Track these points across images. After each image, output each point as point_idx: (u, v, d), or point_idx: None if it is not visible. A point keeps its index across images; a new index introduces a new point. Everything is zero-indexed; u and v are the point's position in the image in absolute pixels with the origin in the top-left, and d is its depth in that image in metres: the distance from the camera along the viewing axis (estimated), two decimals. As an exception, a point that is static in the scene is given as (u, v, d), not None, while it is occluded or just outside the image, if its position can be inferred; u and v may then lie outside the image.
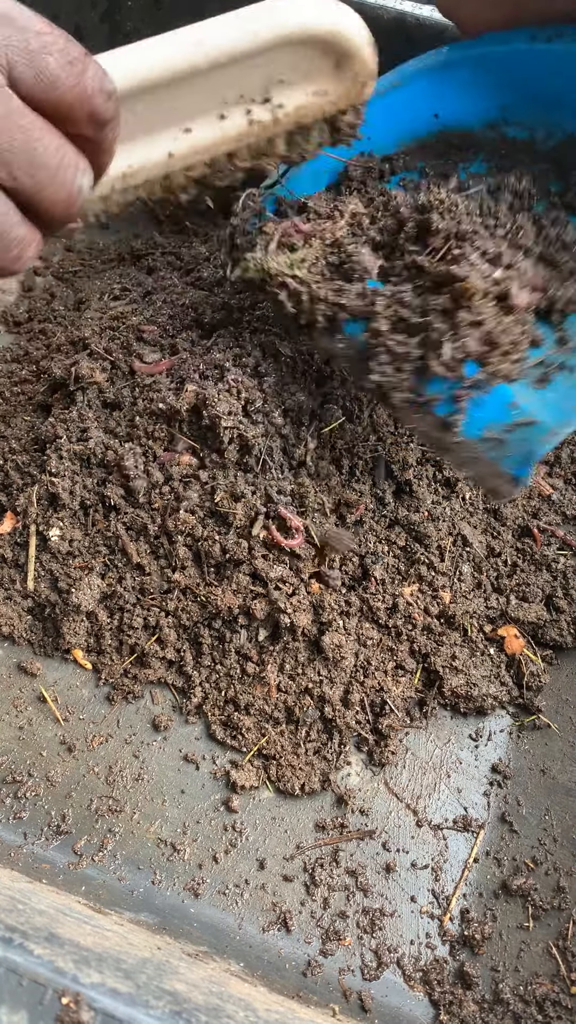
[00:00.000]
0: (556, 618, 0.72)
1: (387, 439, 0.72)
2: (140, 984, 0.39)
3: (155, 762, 0.66)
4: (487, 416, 0.57)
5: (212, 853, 0.62)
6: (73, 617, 0.69)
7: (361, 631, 0.68)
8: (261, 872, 0.61)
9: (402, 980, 0.58)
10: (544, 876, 0.62)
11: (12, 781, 0.63)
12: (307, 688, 0.66)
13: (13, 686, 0.68)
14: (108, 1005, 0.36)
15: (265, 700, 0.66)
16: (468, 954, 0.59)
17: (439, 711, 0.69)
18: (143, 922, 0.57)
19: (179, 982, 0.43)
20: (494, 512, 0.75)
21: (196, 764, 0.66)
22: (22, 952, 0.37)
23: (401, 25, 0.79)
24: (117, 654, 0.69)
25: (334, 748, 0.66)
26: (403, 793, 0.66)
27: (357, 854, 0.63)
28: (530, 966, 0.59)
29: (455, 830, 0.64)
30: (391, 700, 0.67)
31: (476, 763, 0.68)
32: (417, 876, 0.62)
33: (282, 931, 0.59)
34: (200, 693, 0.67)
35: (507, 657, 0.71)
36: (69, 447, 0.72)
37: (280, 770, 0.65)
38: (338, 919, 0.60)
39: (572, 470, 0.81)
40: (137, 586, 0.69)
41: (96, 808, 0.63)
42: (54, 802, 0.63)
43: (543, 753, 0.68)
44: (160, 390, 0.69)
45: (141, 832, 0.63)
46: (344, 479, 0.71)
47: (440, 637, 0.70)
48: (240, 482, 0.67)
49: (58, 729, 0.66)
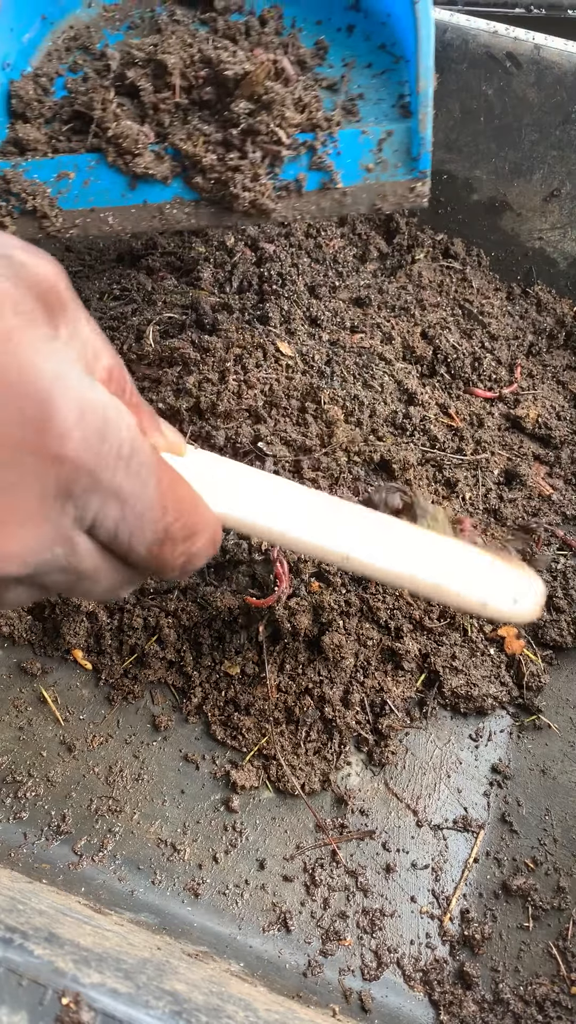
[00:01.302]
0: (556, 618, 0.72)
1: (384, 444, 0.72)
2: (140, 984, 0.39)
3: (155, 762, 0.65)
4: (353, 156, 0.61)
5: (212, 853, 0.62)
6: (73, 617, 0.69)
7: (361, 631, 0.68)
8: (261, 872, 0.61)
9: (402, 980, 0.58)
10: (544, 876, 0.62)
11: (12, 781, 0.63)
12: (307, 688, 0.66)
13: (13, 686, 0.68)
14: (108, 1005, 0.36)
15: (265, 700, 0.66)
16: (468, 954, 0.59)
17: (439, 711, 0.69)
18: (143, 922, 0.57)
19: (179, 982, 0.43)
20: (494, 512, 0.75)
21: (196, 764, 0.66)
22: (22, 952, 0.37)
23: (401, 25, 0.79)
24: (117, 654, 0.69)
25: (334, 748, 0.66)
26: (403, 793, 0.66)
27: (357, 854, 0.63)
28: (530, 966, 0.59)
29: (455, 830, 0.64)
30: (391, 700, 0.67)
31: (476, 763, 0.68)
32: (417, 876, 0.62)
33: (282, 931, 0.59)
34: (200, 693, 0.67)
35: (507, 657, 0.71)
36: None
37: (280, 770, 0.65)
38: (338, 919, 0.60)
39: (572, 470, 0.81)
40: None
41: (96, 808, 0.63)
42: (54, 802, 0.63)
43: (543, 753, 0.68)
44: (160, 390, 0.69)
45: (141, 832, 0.63)
46: None
47: (440, 637, 0.70)
48: None
49: (58, 729, 0.66)
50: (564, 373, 0.88)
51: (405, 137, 0.61)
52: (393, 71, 0.66)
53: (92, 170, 0.61)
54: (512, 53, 0.79)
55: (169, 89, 0.62)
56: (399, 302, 0.86)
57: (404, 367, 0.80)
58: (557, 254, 0.91)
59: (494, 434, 0.80)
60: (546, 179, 0.85)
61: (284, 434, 0.71)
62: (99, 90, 0.61)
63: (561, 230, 0.89)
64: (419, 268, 0.90)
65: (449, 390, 0.82)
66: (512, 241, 0.91)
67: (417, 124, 0.60)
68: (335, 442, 0.71)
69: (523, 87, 0.80)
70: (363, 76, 0.67)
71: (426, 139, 0.60)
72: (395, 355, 0.80)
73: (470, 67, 0.80)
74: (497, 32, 0.78)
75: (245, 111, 0.60)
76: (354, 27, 0.69)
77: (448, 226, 0.92)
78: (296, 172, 0.61)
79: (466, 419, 0.80)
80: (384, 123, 0.61)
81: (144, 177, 0.60)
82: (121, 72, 0.63)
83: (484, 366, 0.84)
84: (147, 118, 0.62)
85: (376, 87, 0.66)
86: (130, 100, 0.62)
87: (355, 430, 0.73)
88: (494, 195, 0.88)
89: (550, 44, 0.78)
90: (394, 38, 0.68)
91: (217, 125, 0.61)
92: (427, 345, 0.83)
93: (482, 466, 0.77)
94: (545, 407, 0.83)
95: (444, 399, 0.80)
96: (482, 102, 0.82)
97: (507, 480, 0.78)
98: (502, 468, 0.78)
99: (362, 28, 0.69)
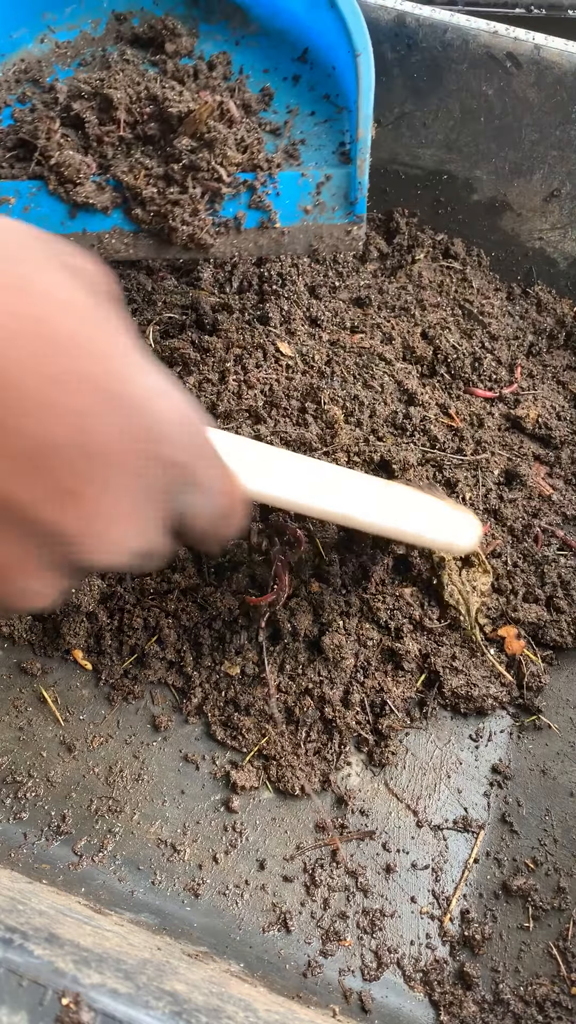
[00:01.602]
0: (556, 618, 0.72)
1: (386, 438, 0.72)
2: (140, 985, 0.39)
3: (155, 762, 0.65)
4: (292, 198, 0.64)
5: (212, 853, 0.62)
6: (73, 617, 0.69)
7: (361, 631, 0.68)
8: (261, 873, 0.61)
9: (402, 981, 0.58)
10: (544, 877, 0.62)
11: (12, 781, 0.63)
12: (307, 688, 0.66)
13: (13, 686, 0.68)
14: (108, 1006, 0.36)
15: (265, 700, 0.66)
16: (468, 954, 0.59)
17: (439, 711, 0.69)
18: (143, 922, 0.57)
19: (179, 983, 0.43)
20: (494, 512, 0.75)
21: (196, 764, 0.66)
22: (22, 953, 0.37)
23: (401, 25, 0.79)
24: (117, 654, 0.69)
25: (334, 748, 0.66)
26: (403, 793, 0.66)
27: (357, 854, 0.63)
28: (530, 967, 0.59)
29: (455, 830, 0.64)
30: (391, 700, 0.67)
31: (476, 763, 0.67)
32: (417, 876, 0.62)
33: (282, 931, 0.59)
34: (200, 693, 0.67)
35: (507, 657, 0.71)
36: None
37: (280, 770, 0.65)
38: (338, 919, 0.60)
39: (572, 470, 0.81)
40: (137, 586, 0.69)
41: (96, 808, 0.63)
42: (54, 802, 0.63)
43: (543, 753, 0.68)
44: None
45: (141, 832, 0.62)
46: None
47: (440, 637, 0.70)
48: None
49: (58, 729, 0.66)
50: (564, 373, 0.88)
51: (344, 182, 0.63)
52: (335, 120, 0.68)
53: (33, 197, 0.62)
54: (512, 53, 0.79)
55: (114, 123, 0.63)
56: (399, 302, 0.86)
57: (404, 367, 0.80)
58: (557, 254, 0.91)
59: (494, 434, 0.80)
60: (546, 179, 0.85)
61: (284, 434, 0.71)
62: (45, 120, 0.61)
63: (561, 230, 0.89)
64: (419, 268, 0.90)
65: (449, 390, 0.82)
66: (512, 241, 0.91)
67: (355, 170, 0.62)
68: (335, 442, 0.71)
69: (523, 87, 0.80)
70: (306, 123, 0.69)
71: (363, 184, 0.63)
72: (395, 355, 0.80)
73: (470, 67, 0.80)
74: (497, 32, 0.78)
75: (187, 148, 0.61)
76: (300, 77, 0.71)
77: (448, 226, 0.92)
78: (236, 210, 0.63)
79: (466, 419, 0.80)
80: (324, 167, 0.63)
81: (84, 206, 0.61)
82: (67, 104, 0.64)
83: (484, 366, 0.84)
84: (90, 149, 0.63)
85: (318, 134, 0.68)
86: (75, 131, 0.63)
87: (355, 430, 0.73)
88: (494, 195, 0.88)
89: (550, 44, 0.78)
90: (338, 89, 0.69)
91: (159, 160, 0.62)
92: (427, 345, 0.83)
93: (482, 466, 0.77)
94: (545, 407, 0.83)
95: (444, 399, 0.80)
96: (482, 102, 0.82)
97: (507, 480, 0.78)
98: (502, 468, 0.78)
99: (308, 79, 0.71)
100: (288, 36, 0.72)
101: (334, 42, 0.66)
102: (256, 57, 0.72)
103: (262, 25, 0.73)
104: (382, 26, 0.79)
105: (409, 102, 0.83)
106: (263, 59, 0.72)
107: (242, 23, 0.73)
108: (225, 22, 0.74)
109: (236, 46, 0.73)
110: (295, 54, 0.72)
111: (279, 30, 0.72)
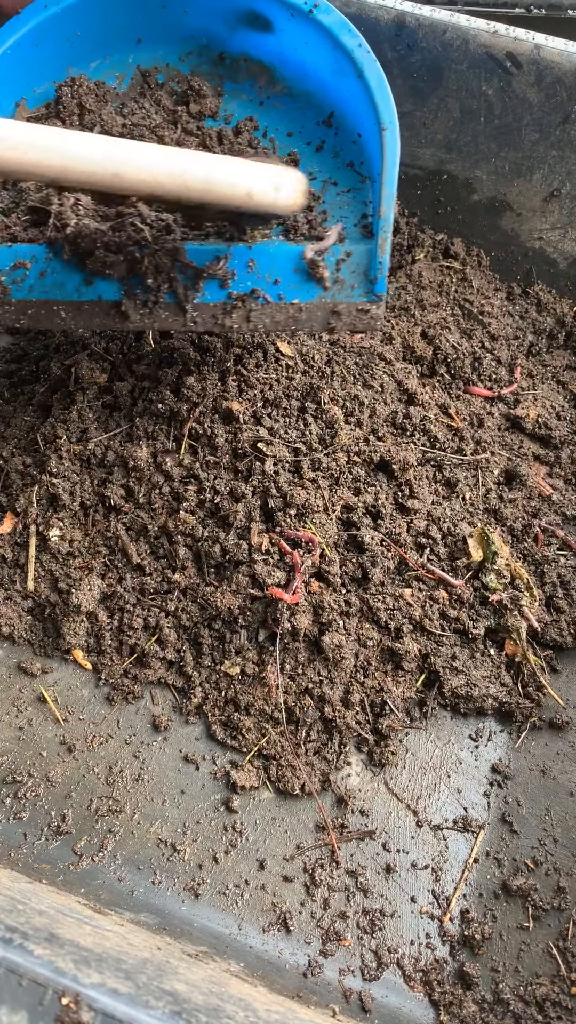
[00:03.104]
0: (556, 618, 0.72)
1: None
2: (140, 984, 0.39)
3: (155, 762, 0.65)
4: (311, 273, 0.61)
5: (212, 853, 0.62)
6: (73, 617, 0.69)
7: (361, 631, 0.68)
8: (261, 872, 0.61)
9: (402, 980, 0.58)
10: (544, 876, 0.62)
11: (12, 781, 0.63)
12: (307, 688, 0.66)
13: (13, 686, 0.68)
14: (108, 1005, 0.36)
15: (265, 700, 0.66)
16: (468, 954, 0.59)
17: (439, 711, 0.69)
18: (143, 922, 0.57)
19: (179, 982, 0.43)
20: (494, 512, 0.75)
21: (196, 764, 0.66)
22: (22, 952, 0.37)
23: (401, 25, 0.79)
24: (117, 654, 0.69)
25: (334, 748, 0.66)
26: (403, 793, 0.66)
27: (357, 854, 0.63)
28: (530, 966, 0.59)
29: (455, 830, 0.64)
30: (391, 700, 0.67)
31: (476, 763, 0.67)
32: (417, 876, 0.62)
33: (282, 931, 0.59)
34: (200, 693, 0.67)
35: (507, 657, 0.71)
36: (69, 447, 0.72)
37: (280, 770, 0.65)
38: (338, 920, 0.60)
39: (572, 470, 0.81)
40: (137, 586, 0.69)
41: (96, 808, 0.63)
42: (54, 802, 0.63)
43: (543, 753, 0.68)
44: (160, 390, 0.69)
45: (141, 832, 0.63)
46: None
47: (440, 638, 0.70)
48: (240, 481, 0.67)
49: (58, 729, 0.66)
50: (564, 373, 0.88)
51: (364, 259, 0.61)
52: (359, 190, 0.67)
53: (49, 262, 0.60)
54: (512, 53, 0.79)
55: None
56: (399, 302, 0.86)
57: (404, 367, 0.80)
58: (557, 254, 0.91)
59: (494, 434, 0.80)
60: (546, 179, 0.85)
61: (284, 434, 0.71)
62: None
63: (561, 230, 0.89)
64: (419, 268, 0.90)
65: (449, 390, 0.82)
66: (512, 241, 0.91)
67: (376, 248, 0.60)
68: (336, 442, 0.71)
69: (523, 87, 0.80)
70: (328, 193, 0.67)
71: (384, 264, 0.60)
72: (395, 355, 0.80)
73: (470, 67, 0.80)
74: (497, 32, 0.78)
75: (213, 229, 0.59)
76: (324, 143, 0.70)
77: (448, 226, 0.92)
78: (253, 284, 0.61)
79: (466, 419, 0.80)
80: (345, 243, 0.61)
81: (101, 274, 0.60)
82: None
83: (484, 366, 0.84)
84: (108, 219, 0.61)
85: (340, 204, 0.66)
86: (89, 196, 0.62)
87: (355, 430, 0.73)
88: (494, 195, 0.88)
89: (550, 44, 0.78)
90: (362, 157, 0.68)
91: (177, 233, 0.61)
92: (427, 345, 0.83)
93: (482, 466, 0.77)
94: (545, 407, 0.83)
95: (444, 399, 0.80)
96: (482, 102, 0.82)
97: (507, 480, 0.78)
98: (502, 468, 0.78)
99: (332, 144, 0.70)
100: (314, 99, 0.71)
101: (360, 108, 0.65)
102: (281, 119, 0.71)
103: (288, 86, 0.72)
104: (382, 26, 0.79)
105: (409, 102, 0.83)
106: (288, 121, 0.71)
107: (268, 83, 0.72)
108: (251, 81, 0.73)
109: (260, 106, 0.72)
110: (320, 117, 0.71)
111: (305, 92, 0.71)
